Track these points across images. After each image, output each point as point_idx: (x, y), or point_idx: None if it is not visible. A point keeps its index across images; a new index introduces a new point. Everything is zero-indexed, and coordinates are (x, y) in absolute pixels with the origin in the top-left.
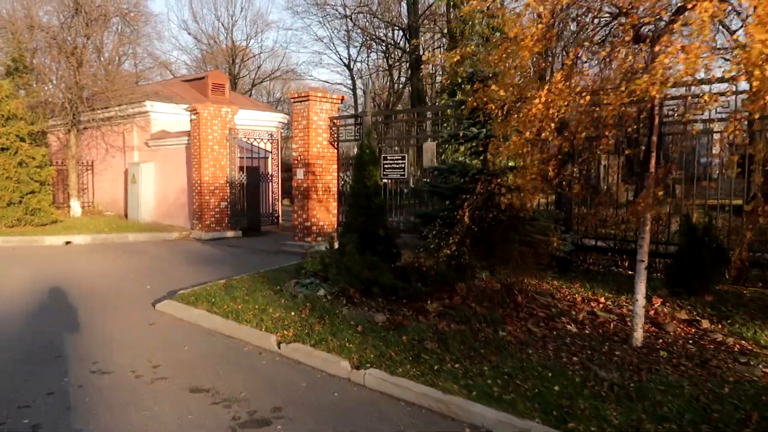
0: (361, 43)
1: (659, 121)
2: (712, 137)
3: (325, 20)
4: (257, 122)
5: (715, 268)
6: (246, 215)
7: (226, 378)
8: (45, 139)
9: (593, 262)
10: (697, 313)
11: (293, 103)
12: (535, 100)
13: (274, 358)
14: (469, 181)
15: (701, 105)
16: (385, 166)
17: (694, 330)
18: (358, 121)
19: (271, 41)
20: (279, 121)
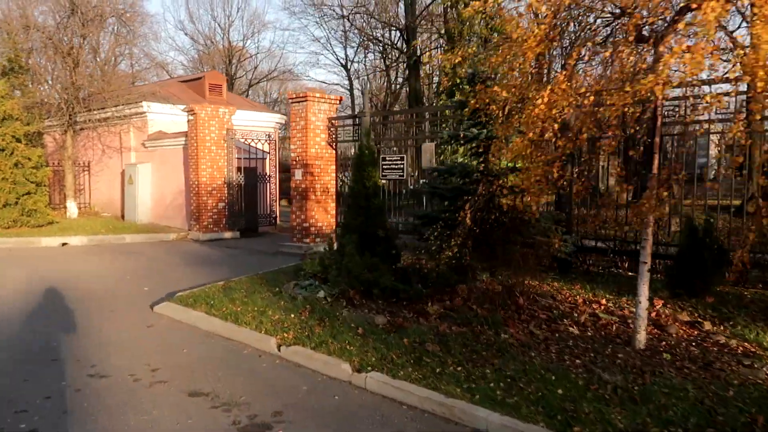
0: (358, 44)
1: (661, 122)
2: (709, 138)
3: (322, 20)
4: (255, 123)
5: (715, 269)
6: (244, 216)
7: (225, 381)
8: (41, 139)
9: (593, 264)
10: (699, 315)
11: (291, 103)
12: (537, 101)
13: (274, 360)
14: (470, 182)
15: (705, 106)
16: (384, 166)
17: (696, 332)
18: (357, 121)
19: (267, 42)
20: (276, 122)
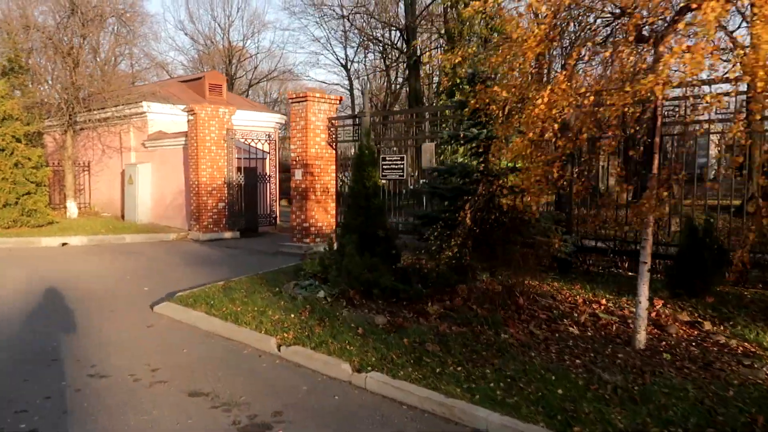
0: (358, 44)
1: (661, 122)
2: (709, 138)
3: (322, 20)
4: (255, 123)
5: (715, 269)
6: (243, 216)
7: (225, 381)
8: (41, 139)
9: (593, 263)
10: (699, 315)
11: (291, 103)
12: (537, 101)
13: (274, 360)
14: (470, 182)
15: (705, 106)
16: (384, 166)
17: (696, 332)
18: (357, 121)
19: (267, 42)
20: (276, 122)
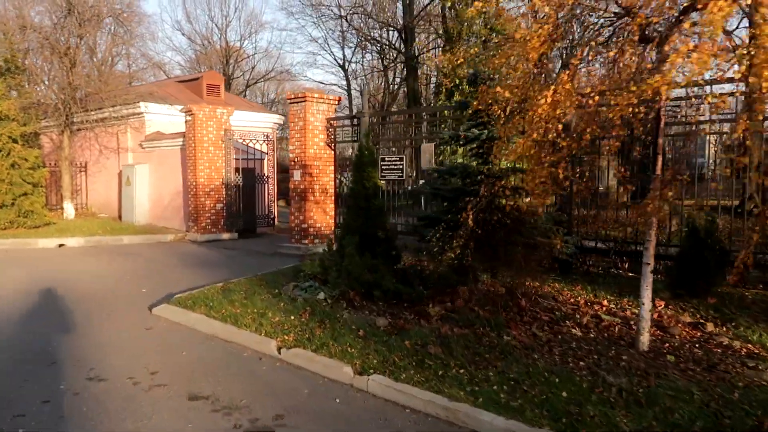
0: (356, 44)
1: (664, 123)
2: (708, 138)
3: (320, 21)
4: (253, 123)
5: (717, 269)
6: (242, 217)
7: (225, 384)
8: (38, 140)
9: (593, 264)
10: (701, 316)
11: (290, 104)
12: (541, 101)
13: (274, 363)
14: (472, 183)
15: (711, 107)
16: (383, 167)
17: (699, 333)
18: (355, 122)
19: (265, 42)
20: (274, 122)
